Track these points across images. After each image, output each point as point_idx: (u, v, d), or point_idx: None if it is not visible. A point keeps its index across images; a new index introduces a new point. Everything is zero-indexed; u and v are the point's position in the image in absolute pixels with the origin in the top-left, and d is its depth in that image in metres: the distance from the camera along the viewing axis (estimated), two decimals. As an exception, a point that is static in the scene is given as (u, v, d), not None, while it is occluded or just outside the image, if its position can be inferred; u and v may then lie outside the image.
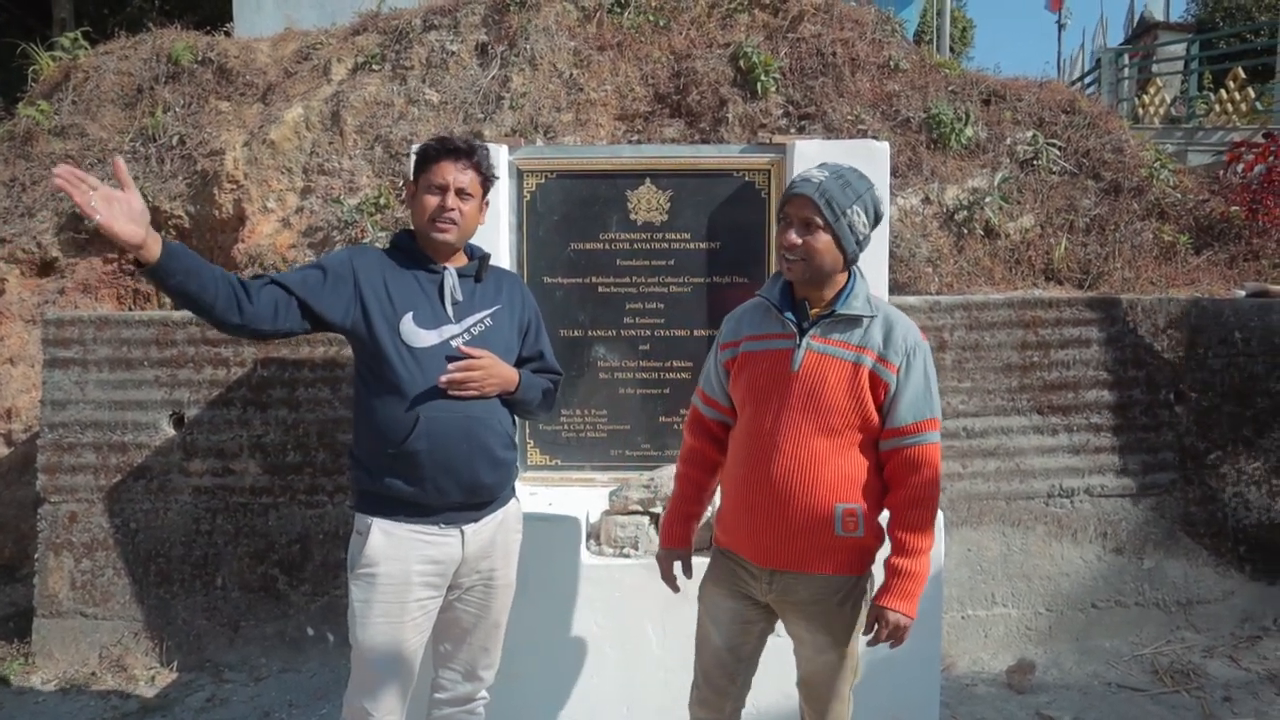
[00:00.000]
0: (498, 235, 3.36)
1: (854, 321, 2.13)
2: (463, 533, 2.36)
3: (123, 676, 3.89)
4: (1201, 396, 4.21)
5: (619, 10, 5.95)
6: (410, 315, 2.30)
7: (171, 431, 4.06)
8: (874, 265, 3.31)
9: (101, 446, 4.03)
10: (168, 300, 5.49)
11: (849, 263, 2.15)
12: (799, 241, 2.08)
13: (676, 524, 2.41)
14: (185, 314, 4.19)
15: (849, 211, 2.08)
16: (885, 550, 2.19)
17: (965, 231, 5.26)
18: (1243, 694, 3.63)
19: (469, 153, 2.37)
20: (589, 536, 3.12)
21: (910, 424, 2.10)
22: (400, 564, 2.29)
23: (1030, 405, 4.12)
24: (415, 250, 2.40)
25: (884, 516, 2.19)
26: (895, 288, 4.51)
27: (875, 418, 2.11)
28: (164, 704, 3.70)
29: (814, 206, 2.06)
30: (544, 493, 3.38)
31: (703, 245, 3.46)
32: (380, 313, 2.29)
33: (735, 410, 2.29)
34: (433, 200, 2.34)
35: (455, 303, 2.37)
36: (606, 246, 3.47)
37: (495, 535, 2.46)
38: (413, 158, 2.45)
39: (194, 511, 4.03)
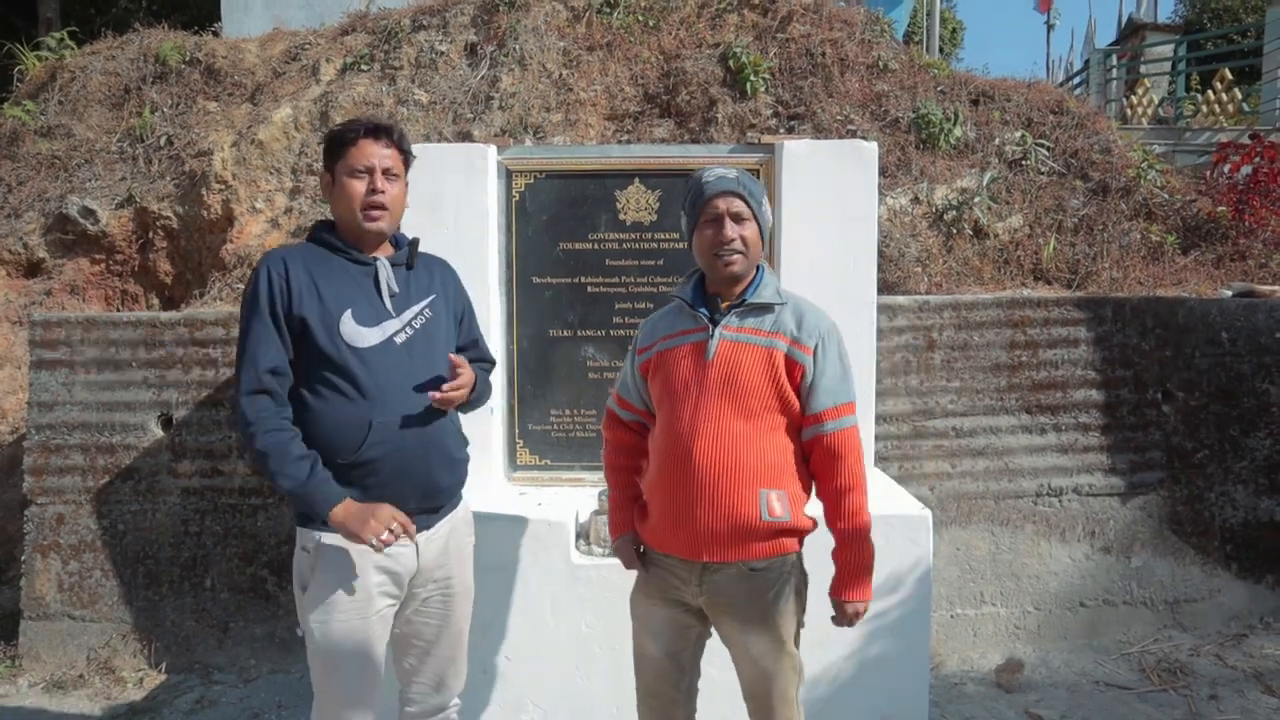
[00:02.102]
0: (486, 235, 3.36)
1: (765, 309, 2.18)
2: (416, 541, 2.23)
3: (111, 679, 3.87)
4: (1189, 396, 4.23)
5: (608, 10, 5.95)
6: (349, 313, 2.16)
7: (160, 432, 4.04)
8: (862, 265, 3.33)
9: (89, 448, 4.02)
10: (156, 301, 5.48)
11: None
12: (735, 236, 2.13)
13: (623, 510, 2.38)
14: (173, 315, 4.17)
15: (763, 203, 2.20)
16: (823, 537, 2.22)
17: (954, 231, 5.28)
18: (1229, 692, 3.65)
19: (389, 130, 2.24)
20: (578, 536, 3.12)
21: (829, 408, 2.14)
22: (360, 578, 2.17)
23: (1019, 405, 4.13)
24: (339, 242, 2.24)
25: (815, 508, 2.23)
26: (884, 287, 4.52)
27: (794, 401, 2.14)
28: (152, 706, 3.68)
29: (742, 200, 2.14)
30: (533, 493, 3.37)
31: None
32: (317, 315, 2.13)
33: (651, 414, 2.32)
34: (358, 185, 2.18)
35: (392, 295, 2.23)
36: (595, 246, 3.47)
37: (449, 541, 2.35)
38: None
39: (182, 513, 4.01)
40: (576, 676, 3.04)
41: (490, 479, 3.40)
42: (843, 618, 2.20)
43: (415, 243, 2.34)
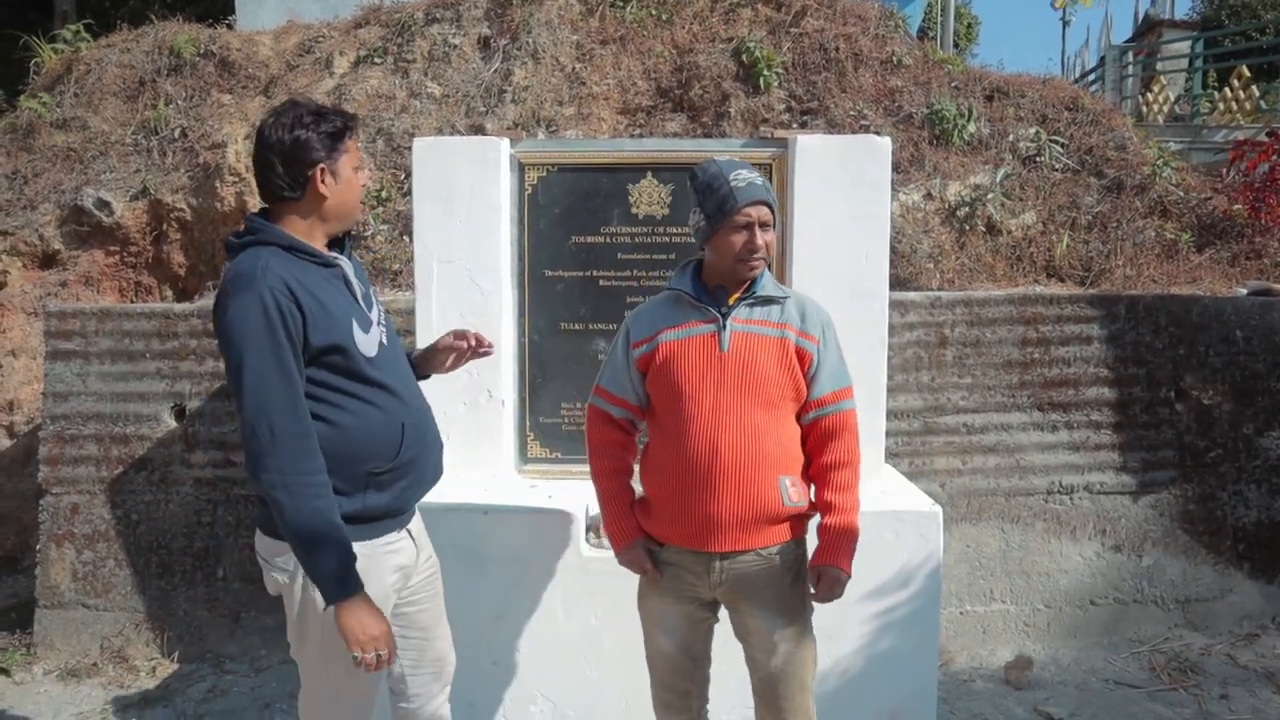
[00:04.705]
0: (499, 228, 3.36)
1: (771, 301, 2.24)
2: (409, 532, 2.21)
3: (124, 667, 3.90)
4: (1202, 394, 4.21)
5: (621, 4, 5.95)
6: (354, 323, 2.06)
7: (173, 423, 4.07)
8: (875, 260, 3.32)
9: (103, 438, 4.04)
10: (169, 293, 5.51)
11: None
12: (763, 244, 2.18)
13: (626, 517, 2.33)
14: (186, 306, 4.20)
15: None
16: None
17: (967, 228, 5.26)
18: (1240, 691, 3.63)
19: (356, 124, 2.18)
20: (589, 529, 3.12)
21: (830, 393, 2.23)
22: (378, 583, 2.07)
23: (1030, 402, 4.12)
24: (307, 245, 2.08)
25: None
26: (896, 283, 4.50)
27: (804, 389, 2.22)
28: (165, 695, 3.71)
29: (770, 210, 2.19)
30: (544, 485, 3.38)
31: (704, 240, 3.45)
32: (335, 332, 2.01)
33: (642, 410, 2.33)
34: (363, 177, 2.16)
35: (362, 294, 2.15)
36: (608, 240, 3.47)
37: (419, 524, 2.32)
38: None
39: (195, 503, 4.04)
40: (587, 669, 3.04)
41: (500, 471, 3.41)
42: (825, 587, 2.21)
43: (349, 233, 2.23)
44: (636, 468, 2.39)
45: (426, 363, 2.42)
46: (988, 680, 3.77)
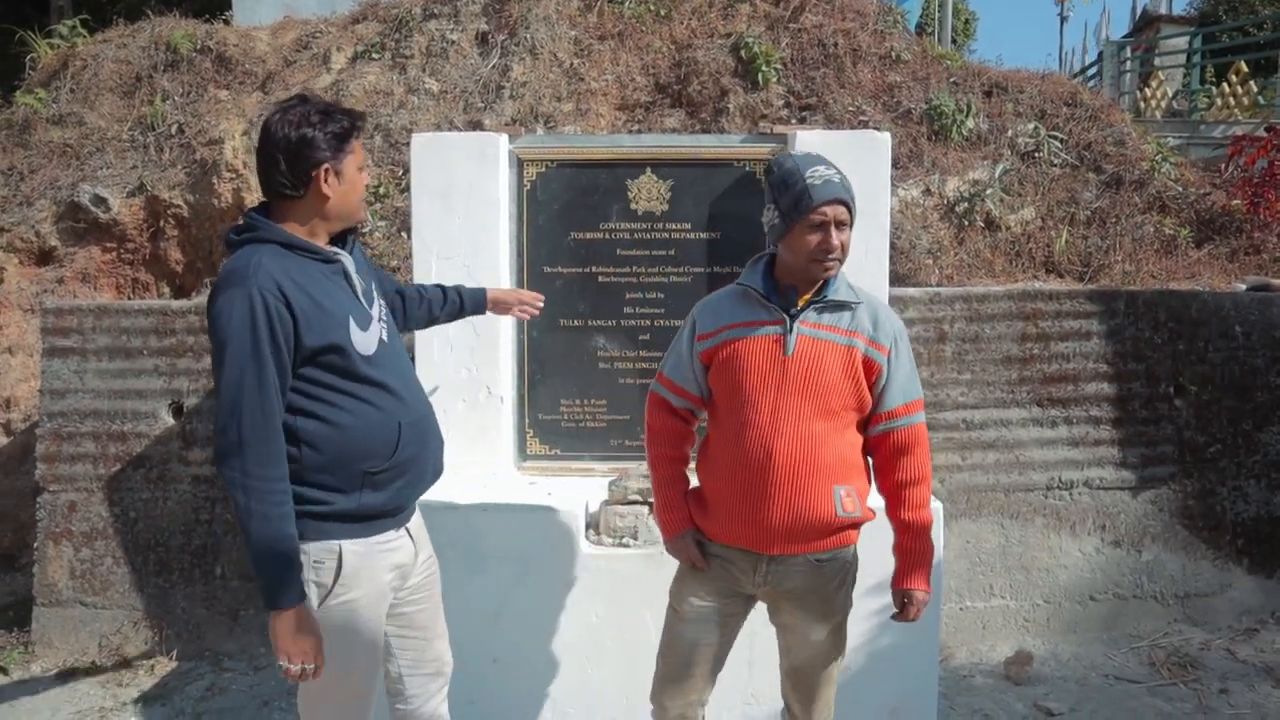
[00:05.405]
0: (498, 224, 3.35)
1: (842, 307, 2.17)
2: (408, 530, 2.20)
3: (122, 665, 3.89)
4: (1201, 390, 4.21)
5: (620, 0, 5.93)
6: (352, 321, 2.03)
7: (171, 420, 4.05)
8: (874, 256, 3.31)
9: (101, 435, 4.03)
10: (167, 289, 5.50)
11: None
12: (838, 244, 2.10)
13: (678, 507, 2.30)
14: (184, 303, 4.19)
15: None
16: (878, 526, 2.26)
17: (966, 223, 5.25)
18: (1239, 686, 3.64)
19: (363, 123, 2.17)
20: (588, 526, 3.12)
21: (901, 406, 2.18)
22: (373, 581, 2.08)
23: (1030, 397, 4.11)
24: (308, 242, 2.05)
25: (875, 501, 2.25)
26: (895, 279, 4.50)
27: (869, 398, 2.17)
28: (163, 693, 3.70)
29: (848, 209, 2.11)
30: (543, 482, 3.37)
31: (703, 235, 3.45)
32: (332, 331, 1.98)
33: (704, 401, 2.29)
34: (365, 177, 2.14)
35: (363, 290, 2.12)
36: (607, 236, 3.46)
37: (419, 522, 2.32)
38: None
39: (193, 500, 4.03)
40: (587, 667, 3.04)
41: (499, 468, 3.40)
42: (909, 608, 2.23)
43: (355, 230, 2.21)
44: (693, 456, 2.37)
45: (494, 304, 2.77)
46: (988, 676, 3.77)
